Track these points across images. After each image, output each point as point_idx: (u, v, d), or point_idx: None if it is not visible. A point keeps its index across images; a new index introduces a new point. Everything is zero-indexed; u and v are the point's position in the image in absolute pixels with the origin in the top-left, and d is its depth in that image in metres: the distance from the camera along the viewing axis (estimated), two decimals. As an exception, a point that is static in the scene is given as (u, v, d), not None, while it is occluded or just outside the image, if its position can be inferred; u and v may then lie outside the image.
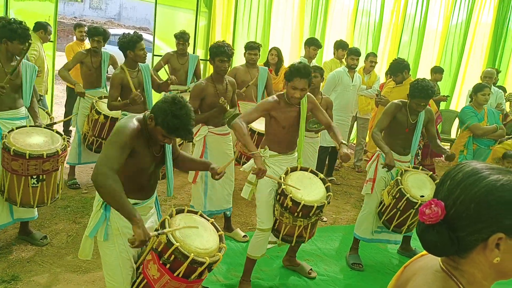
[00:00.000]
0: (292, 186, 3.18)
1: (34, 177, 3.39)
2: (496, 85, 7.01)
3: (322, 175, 3.44)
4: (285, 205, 3.18)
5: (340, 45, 6.42)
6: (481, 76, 6.60)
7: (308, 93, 3.44)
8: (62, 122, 5.96)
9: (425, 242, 1.09)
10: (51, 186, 3.56)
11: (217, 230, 2.54)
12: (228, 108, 4.02)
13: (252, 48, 5.25)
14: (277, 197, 3.29)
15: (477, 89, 5.02)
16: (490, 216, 1.00)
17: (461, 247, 1.05)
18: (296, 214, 3.16)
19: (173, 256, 2.24)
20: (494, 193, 1.00)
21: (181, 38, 5.82)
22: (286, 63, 7.38)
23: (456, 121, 6.89)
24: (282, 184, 3.18)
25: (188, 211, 2.55)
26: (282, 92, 3.44)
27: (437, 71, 7.10)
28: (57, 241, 3.90)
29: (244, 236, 4.31)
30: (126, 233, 2.44)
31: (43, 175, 3.43)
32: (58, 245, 3.84)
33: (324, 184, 3.36)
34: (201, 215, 2.57)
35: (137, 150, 2.35)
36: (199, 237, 2.38)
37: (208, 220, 2.57)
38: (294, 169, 3.40)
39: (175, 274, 2.27)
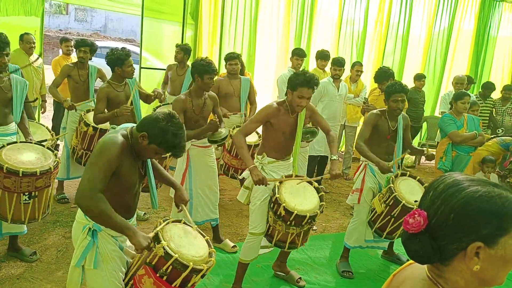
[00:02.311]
0: (292, 179, 3.30)
1: (26, 193, 3.35)
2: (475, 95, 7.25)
3: (316, 184, 3.48)
4: (278, 213, 3.22)
5: (320, 56, 6.44)
6: (453, 83, 6.72)
7: None
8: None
9: (409, 250, 1.13)
10: (43, 202, 3.52)
11: (203, 236, 2.57)
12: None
13: (231, 58, 5.28)
14: (271, 205, 3.34)
15: (457, 97, 5.08)
16: (469, 226, 1.04)
17: (443, 255, 1.09)
18: (289, 222, 3.21)
19: (171, 267, 2.25)
20: (472, 203, 1.04)
21: (178, 46, 5.90)
22: (273, 75, 7.48)
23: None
24: (276, 193, 3.23)
25: (173, 222, 2.55)
26: (282, 100, 3.50)
27: (420, 78, 7.25)
28: (47, 256, 3.88)
29: (234, 246, 4.32)
30: (115, 256, 2.43)
31: (35, 192, 3.40)
32: (48, 260, 3.81)
33: (318, 193, 3.40)
34: (184, 223, 2.58)
35: (122, 168, 2.31)
36: (191, 245, 2.41)
37: (192, 227, 2.58)
38: (289, 177, 3.45)
39: (172, 285, 2.29)
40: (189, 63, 6.07)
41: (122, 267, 2.47)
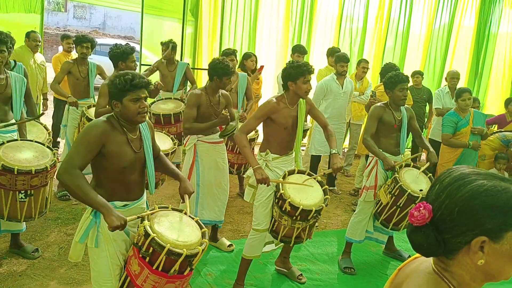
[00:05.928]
0: (293, 182, 3.29)
1: (22, 192, 3.34)
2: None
3: (319, 178, 3.49)
4: (283, 208, 3.23)
5: (332, 52, 6.40)
6: (446, 78, 6.69)
7: None
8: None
9: (414, 243, 1.13)
10: (39, 201, 3.51)
11: (201, 228, 2.54)
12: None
13: (228, 54, 5.28)
14: (276, 200, 3.34)
15: (457, 95, 5.07)
16: (473, 220, 1.04)
17: (448, 248, 1.09)
18: (294, 217, 3.22)
19: (151, 248, 2.26)
20: (477, 197, 1.04)
21: (164, 44, 5.97)
22: (273, 71, 7.47)
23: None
24: (281, 189, 3.24)
25: (173, 209, 2.56)
26: (280, 94, 3.51)
27: (414, 75, 7.13)
28: (49, 253, 3.88)
29: (230, 245, 4.28)
30: (118, 239, 2.45)
31: (31, 191, 3.38)
32: (50, 257, 3.81)
33: (322, 187, 3.41)
34: (185, 213, 2.58)
35: (111, 147, 2.38)
36: (179, 231, 2.41)
37: (193, 219, 2.58)
38: (291, 172, 3.45)
39: (154, 267, 2.28)
40: (177, 58, 6.16)
41: (124, 250, 2.51)
